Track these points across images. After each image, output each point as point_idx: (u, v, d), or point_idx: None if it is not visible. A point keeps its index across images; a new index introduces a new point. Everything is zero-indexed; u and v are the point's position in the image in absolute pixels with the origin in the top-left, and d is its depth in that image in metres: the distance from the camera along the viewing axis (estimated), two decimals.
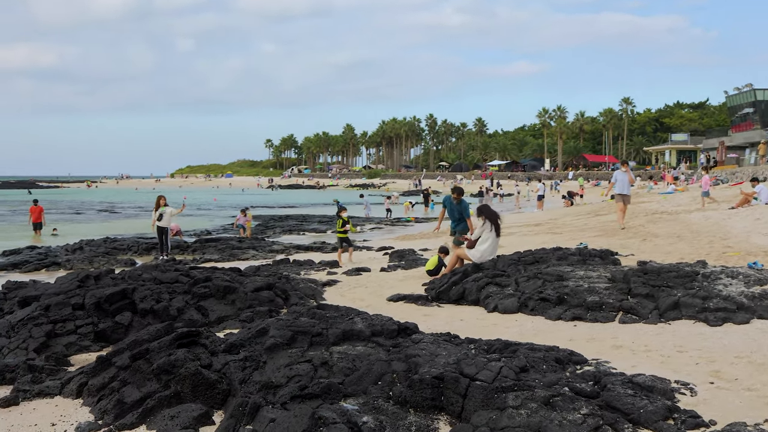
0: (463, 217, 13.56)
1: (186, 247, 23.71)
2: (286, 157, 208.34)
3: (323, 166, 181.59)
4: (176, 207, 22.25)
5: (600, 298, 8.77)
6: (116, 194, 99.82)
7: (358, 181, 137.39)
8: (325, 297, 11.86)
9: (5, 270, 19.60)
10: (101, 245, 24.17)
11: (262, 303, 11.00)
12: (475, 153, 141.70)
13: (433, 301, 10.65)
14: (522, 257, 11.32)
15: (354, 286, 12.71)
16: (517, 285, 9.97)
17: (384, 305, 10.70)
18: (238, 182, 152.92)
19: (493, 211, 12.05)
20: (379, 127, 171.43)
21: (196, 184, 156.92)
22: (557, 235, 19.63)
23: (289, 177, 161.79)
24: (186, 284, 11.69)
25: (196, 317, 10.61)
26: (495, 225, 11.76)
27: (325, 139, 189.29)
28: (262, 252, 22.13)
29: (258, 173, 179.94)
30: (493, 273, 10.68)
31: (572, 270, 10.32)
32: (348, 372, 6.33)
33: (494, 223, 11.76)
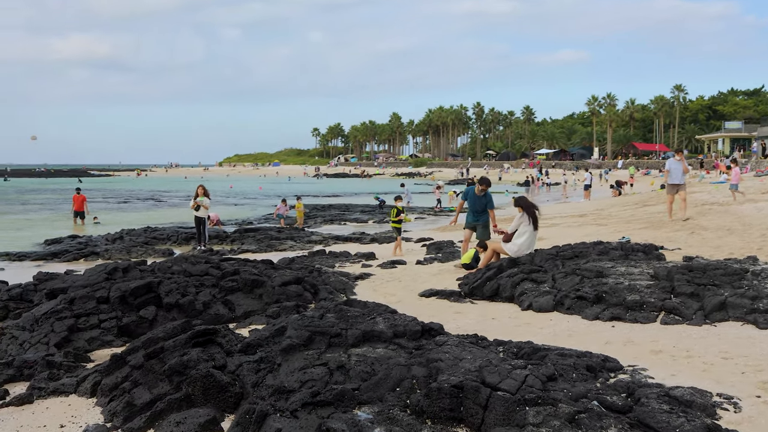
0: (485, 209, 13.20)
1: (225, 237, 23.62)
2: (332, 145, 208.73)
3: (370, 155, 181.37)
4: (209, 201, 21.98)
5: (641, 297, 8.24)
6: (164, 183, 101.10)
7: (404, 169, 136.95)
8: (357, 292, 11.51)
9: (44, 259, 19.72)
10: (141, 235, 24.23)
11: (290, 298, 10.71)
12: (523, 141, 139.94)
13: (467, 297, 10.23)
14: (560, 252, 10.81)
15: (387, 279, 12.35)
16: (554, 281, 9.49)
17: (415, 301, 10.32)
18: (285, 171, 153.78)
19: (530, 202, 11.55)
20: (426, 116, 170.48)
21: (244, 172, 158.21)
22: (602, 226, 18.98)
23: (336, 166, 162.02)
24: (215, 277, 11.48)
25: (222, 312, 10.37)
26: (533, 217, 11.26)
27: (372, 127, 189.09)
28: (300, 243, 21.89)
29: (305, 162, 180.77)
30: (529, 268, 10.20)
31: (613, 266, 9.79)
32: (365, 376, 5.97)
33: (532, 216, 11.26)
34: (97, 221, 30.73)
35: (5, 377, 7.88)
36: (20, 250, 22.02)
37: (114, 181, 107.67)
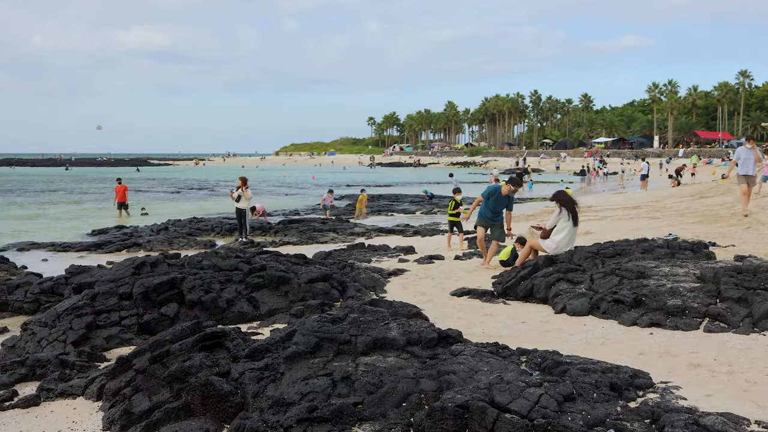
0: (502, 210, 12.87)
1: (268, 229, 23.46)
2: (388, 134, 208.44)
3: (425, 144, 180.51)
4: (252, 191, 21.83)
5: (683, 301, 7.62)
6: (220, 172, 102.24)
7: (460, 158, 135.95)
8: (387, 289, 11.09)
9: (88, 250, 19.81)
10: (186, 225, 24.26)
11: (316, 295, 10.34)
12: (581, 130, 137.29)
13: (500, 297, 9.71)
14: (602, 249, 10.19)
15: (421, 276, 11.89)
16: (592, 282, 8.90)
17: (446, 300, 9.84)
18: (340, 160, 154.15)
19: (569, 197, 10.92)
20: (482, 104, 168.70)
21: (300, 161, 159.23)
22: (654, 219, 18.14)
23: (391, 155, 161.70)
24: (242, 273, 11.20)
25: (246, 309, 10.07)
26: (572, 213, 10.65)
27: (427, 116, 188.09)
28: (342, 235, 21.57)
29: (360, 151, 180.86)
30: (566, 267, 9.62)
31: (657, 266, 9.15)
32: (372, 389, 5.55)
33: (571, 211, 10.66)
34: (144, 212, 30.97)
35: (17, 376, 7.71)
36: (68, 240, 22.23)
37: (171, 171, 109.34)
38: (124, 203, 28.94)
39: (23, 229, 26.08)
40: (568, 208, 10.66)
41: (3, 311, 11.94)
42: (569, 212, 10.63)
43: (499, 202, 12.83)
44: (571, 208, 10.66)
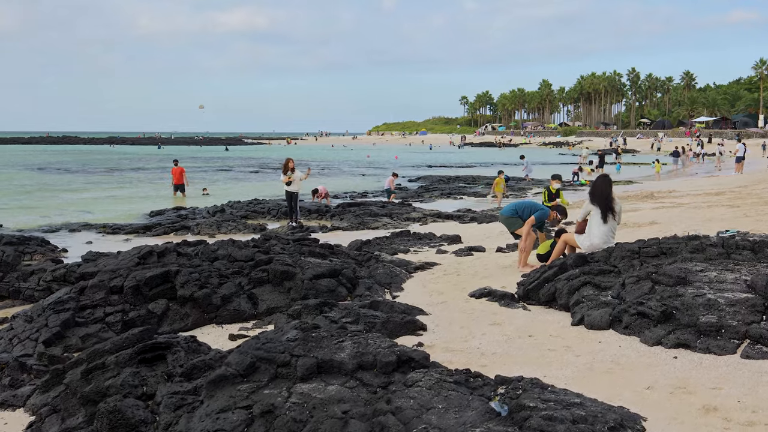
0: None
1: (325, 212, 22.68)
2: (480, 114, 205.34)
3: (518, 124, 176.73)
4: (302, 171, 21.06)
5: (719, 317, 6.26)
6: (308, 151, 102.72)
7: (552, 138, 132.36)
8: (405, 286, 10.04)
9: (137, 233, 19.51)
10: (243, 207, 23.78)
11: (320, 293, 9.40)
12: (681, 109, 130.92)
13: (521, 301, 8.51)
14: (644, 248, 8.78)
15: (448, 272, 10.77)
16: (623, 287, 7.59)
17: (461, 303, 8.73)
18: (431, 139, 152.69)
19: (602, 190, 9.43)
20: (577, 83, 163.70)
21: (391, 141, 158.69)
22: (733, 208, 16.32)
23: (482, 134, 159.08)
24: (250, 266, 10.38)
25: (243, 307, 9.24)
26: (602, 210, 9.28)
27: (521, 95, 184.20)
28: (396, 220, 20.57)
29: (451, 131, 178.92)
30: (598, 269, 8.32)
31: (703, 269, 7.73)
32: (295, 429, 4.56)
33: (601, 207, 9.28)
34: (206, 193, 30.76)
35: None
36: (124, 221, 22.10)
37: (261, 150, 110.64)
38: (181, 185, 28.65)
39: (87, 209, 26.25)
40: (599, 204, 9.27)
41: (15, 299, 11.56)
42: (599, 208, 9.26)
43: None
44: (602, 203, 9.26)
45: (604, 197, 9.29)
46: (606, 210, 9.34)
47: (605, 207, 9.29)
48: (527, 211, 11.11)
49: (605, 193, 9.34)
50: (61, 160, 68.17)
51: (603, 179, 9.61)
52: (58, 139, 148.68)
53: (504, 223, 11.55)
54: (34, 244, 15.96)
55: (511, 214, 11.45)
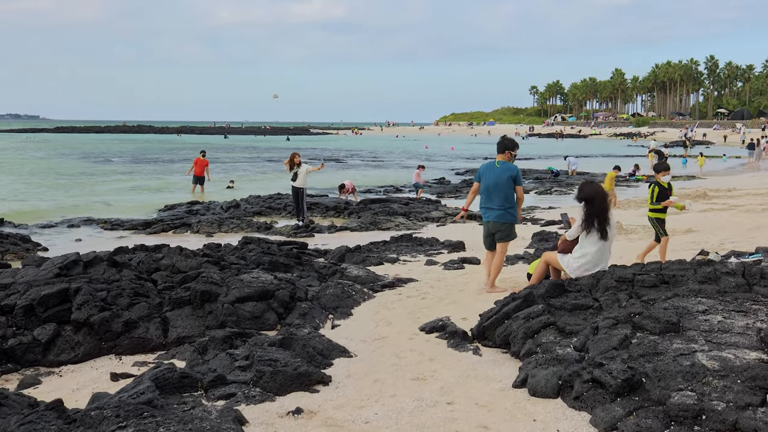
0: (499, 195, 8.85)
1: (343, 209, 21.03)
2: (550, 104, 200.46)
3: (588, 114, 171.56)
4: (313, 164, 19.44)
5: (700, 396, 4.34)
6: (370, 142, 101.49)
7: (624, 129, 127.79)
8: (355, 312, 8.32)
9: (135, 229, 18.27)
10: (258, 203, 22.37)
11: (242, 320, 7.76)
12: (763, 98, 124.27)
13: (475, 340, 6.69)
14: (640, 274, 6.81)
15: (414, 294, 8.98)
16: (595, 333, 5.69)
17: (403, 340, 6.98)
18: (498, 130, 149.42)
19: (598, 196, 7.45)
20: (651, 72, 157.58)
21: (458, 131, 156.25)
22: None
23: (551, 125, 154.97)
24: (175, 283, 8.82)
25: (150, 335, 7.68)
26: (600, 222, 7.29)
27: (592, 85, 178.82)
28: (413, 220, 18.78)
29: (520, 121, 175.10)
30: (572, 303, 6.43)
31: (707, 309, 5.78)
32: None
33: (597, 218, 7.29)
34: (231, 186, 29.49)
35: None
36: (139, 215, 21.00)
37: (323, 140, 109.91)
38: (201, 178, 27.33)
39: (106, 200, 25.33)
40: (597, 214, 7.29)
41: None
42: (597, 220, 7.27)
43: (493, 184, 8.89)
44: (600, 215, 7.28)
45: (602, 206, 7.29)
46: (604, 222, 7.36)
47: (603, 218, 7.31)
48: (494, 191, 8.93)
49: (603, 202, 7.34)
50: (121, 149, 68.51)
51: (596, 187, 7.55)
52: (132, 128, 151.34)
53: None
54: (8, 243, 14.81)
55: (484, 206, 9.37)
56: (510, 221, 8.88)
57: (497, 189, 8.81)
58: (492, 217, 8.94)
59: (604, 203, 7.31)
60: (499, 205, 8.85)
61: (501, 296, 7.93)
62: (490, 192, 8.89)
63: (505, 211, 8.83)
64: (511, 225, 8.94)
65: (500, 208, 8.84)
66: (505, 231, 8.87)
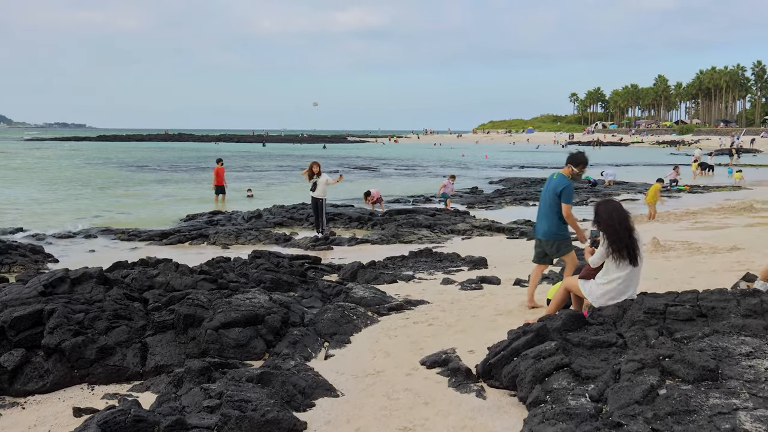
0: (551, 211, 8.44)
1: (367, 220, 20.26)
2: (591, 111, 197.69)
3: (630, 121, 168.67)
4: (332, 177, 18.69)
5: None
6: (407, 150, 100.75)
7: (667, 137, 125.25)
8: (353, 340, 7.52)
9: (151, 240, 17.73)
10: (280, 213, 21.74)
11: (226, 348, 7.03)
12: None
13: (480, 379, 5.86)
14: (672, 305, 5.91)
15: (422, 319, 8.15)
16: (615, 379, 4.83)
17: (401, 375, 6.17)
18: (536, 138, 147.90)
19: (619, 214, 6.49)
20: (696, 78, 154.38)
21: (496, 139, 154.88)
22: None
23: (592, 132, 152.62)
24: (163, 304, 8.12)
25: (127, 363, 7.00)
26: (625, 245, 6.35)
27: (634, 91, 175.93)
28: (437, 232, 17.91)
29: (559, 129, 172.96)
30: (592, 339, 5.56)
31: (752, 351, 4.91)
32: None
33: (625, 243, 6.35)
34: (250, 194, 28.92)
35: None
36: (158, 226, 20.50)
37: (360, 148, 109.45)
38: (221, 187, 26.72)
39: (128, 210, 24.94)
40: (619, 237, 6.35)
41: None
42: (622, 244, 6.34)
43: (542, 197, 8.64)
44: (624, 237, 6.35)
45: (626, 228, 6.37)
46: (630, 247, 6.43)
47: (630, 243, 6.39)
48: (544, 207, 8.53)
49: (624, 222, 6.42)
50: (157, 157, 68.72)
51: (615, 206, 6.60)
52: (172, 136, 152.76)
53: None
54: (17, 254, 14.34)
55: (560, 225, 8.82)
56: (554, 238, 8.44)
57: (544, 203, 8.46)
58: (538, 233, 8.65)
59: (626, 222, 6.39)
60: (544, 220, 8.45)
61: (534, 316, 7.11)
62: (540, 205, 8.68)
63: (549, 227, 8.40)
64: (556, 241, 8.45)
65: (545, 223, 8.45)
66: (553, 247, 8.50)
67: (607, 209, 6.44)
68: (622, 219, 6.37)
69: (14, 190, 32.01)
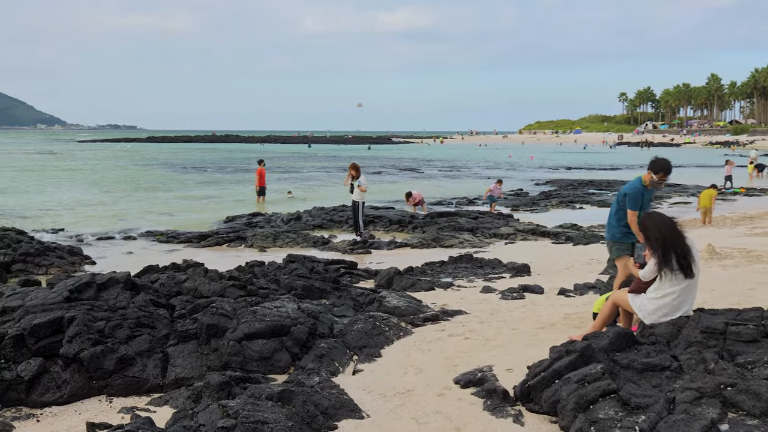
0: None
1: (407, 223, 19.82)
2: (641, 111, 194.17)
3: (682, 121, 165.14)
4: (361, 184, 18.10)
5: None
6: (452, 151, 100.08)
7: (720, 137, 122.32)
8: (384, 353, 7.08)
9: (189, 242, 17.55)
10: (321, 215, 21.42)
11: (249, 360, 6.67)
12: None
13: (518, 402, 5.38)
14: (733, 324, 5.35)
15: (458, 331, 7.67)
16: (670, 410, 4.32)
17: (432, 395, 5.73)
18: (584, 139, 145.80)
19: (667, 226, 5.91)
20: (751, 77, 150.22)
21: (542, 140, 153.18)
22: None
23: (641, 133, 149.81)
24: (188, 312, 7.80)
25: (148, 374, 6.68)
26: (681, 258, 5.79)
27: (686, 91, 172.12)
28: (479, 237, 17.37)
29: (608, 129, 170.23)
30: (643, 362, 5.04)
31: None
32: None
33: (678, 256, 5.80)
34: (291, 196, 28.68)
35: None
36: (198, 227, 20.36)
37: (404, 149, 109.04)
38: (262, 188, 26.51)
39: (169, 211, 24.90)
40: (667, 249, 5.79)
41: None
42: (675, 257, 5.78)
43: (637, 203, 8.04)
44: (676, 249, 5.79)
45: (675, 242, 5.81)
46: (686, 258, 5.87)
47: (682, 254, 5.83)
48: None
49: (675, 237, 5.86)
50: (202, 158, 69.25)
51: (661, 218, 6.02)
52: (220, 137, 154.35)
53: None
54: (54, 256, 14.25)
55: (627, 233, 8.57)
56: (610, 239, 8.17)
57: (613, 203, 8.22)
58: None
59: (675, 232, 5.84)
60: (608, 220, 8.24)
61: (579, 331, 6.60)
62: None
63: (608, 228, 8.21)
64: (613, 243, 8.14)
65: (608, 223, 8.24)
66: (610, 249, 8.26)
67: (654, 222, 5.93)
68: (671, 229, 5.84)
69: (61, 191, 32.36)
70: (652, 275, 5.93)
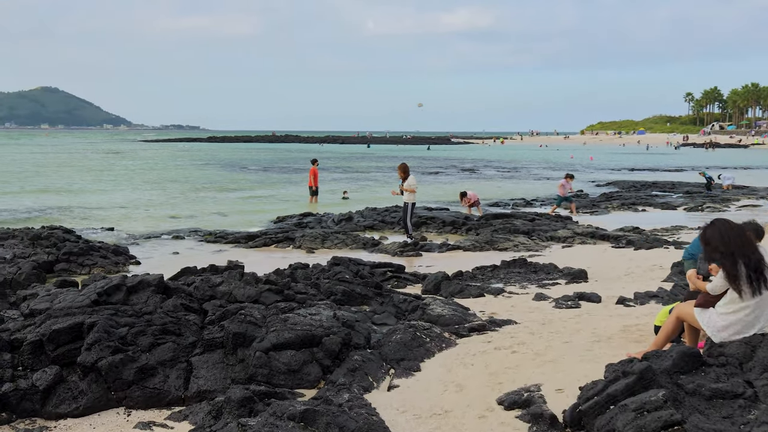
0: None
1: (461, 225, 19.18)
2: (707, 111, 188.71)
3: (750, 122, 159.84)
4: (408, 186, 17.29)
5: None
6: (512, 151, 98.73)
7: None
8: (423, 367, 6.51)
9: (237, 242, 17.26)
10: (372, 216, 20.95)
11: (276, 373, 6.18)
12: None
13: (567, 429, 4.76)
14: None
15: (505, 344, 7.04)
16: None
17: (471, 418, 5.16)
18: (648, 139, 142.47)
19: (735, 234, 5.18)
20: None
21: (605, 141, 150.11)
22: None
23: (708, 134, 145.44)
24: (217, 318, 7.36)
25: (169, 386, 6.25)
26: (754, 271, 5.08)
27: (755, 91, 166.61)
28: (535, 239, 16.61)
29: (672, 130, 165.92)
30: (712, 387, 4.38)
31: None
32: None
33: (750, 268, 5.08)
34: (346, 196, 28.24)
35: None
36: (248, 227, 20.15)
37: (463, 150, 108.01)
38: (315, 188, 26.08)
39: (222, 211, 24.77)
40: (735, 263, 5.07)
41: None
42: (746, 270, 5.07)
43: None
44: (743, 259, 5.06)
45: (744, 251, 5.10)
46: (759, 269, 5.16)
47: (754, 265, 5.12)
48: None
49: (744, 244, 5.16)
50: (260, 158, 69.60)
51: (726, 225, 5.29)
52: (280, 137, 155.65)
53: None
54: (98, 256, 14.08)
55: (686, 256, 8.91)
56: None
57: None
58: None
59: (743, 240, 5.13)
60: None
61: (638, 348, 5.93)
62: None
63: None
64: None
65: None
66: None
67: (718, 231, 5.22)
68: (737, 237, 5.13)
69: (117, 190, 32.66)
70: (722, 289, 5.23)
